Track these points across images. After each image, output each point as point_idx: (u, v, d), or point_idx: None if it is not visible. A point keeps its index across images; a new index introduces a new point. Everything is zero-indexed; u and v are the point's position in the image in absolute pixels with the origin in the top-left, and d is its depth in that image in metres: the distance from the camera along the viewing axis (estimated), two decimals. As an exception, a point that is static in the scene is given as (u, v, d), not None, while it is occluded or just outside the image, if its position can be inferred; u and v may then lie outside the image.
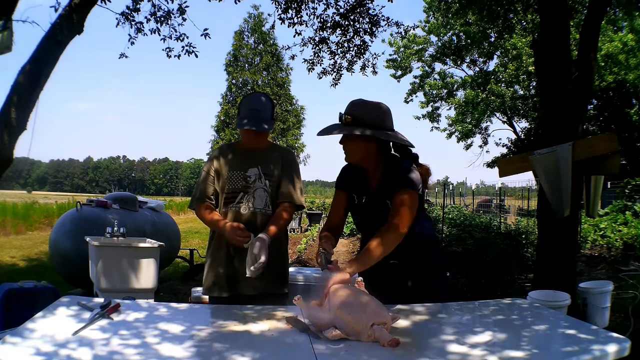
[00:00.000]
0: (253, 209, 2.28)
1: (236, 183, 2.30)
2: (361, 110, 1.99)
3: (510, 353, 1.34)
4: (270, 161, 2.34)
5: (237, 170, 2.31)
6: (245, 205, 2.28)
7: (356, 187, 2.15)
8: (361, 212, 2.14)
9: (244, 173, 2.30)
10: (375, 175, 2.11)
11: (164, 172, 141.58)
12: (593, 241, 9.29)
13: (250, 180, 2.29)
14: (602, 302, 4.11)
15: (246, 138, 2.33)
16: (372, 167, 2.09)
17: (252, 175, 2.30)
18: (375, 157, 2.07)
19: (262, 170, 2.31)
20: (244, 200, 2.28)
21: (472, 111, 19.33)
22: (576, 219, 4.66)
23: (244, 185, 2.29)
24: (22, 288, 3.73)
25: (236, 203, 2.29)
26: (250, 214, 2.27)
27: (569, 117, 4.29)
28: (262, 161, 2.33)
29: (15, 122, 3.93)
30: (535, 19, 9.48)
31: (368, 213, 2.09)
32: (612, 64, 16.38)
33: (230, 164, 2.33)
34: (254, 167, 2.31)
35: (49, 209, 17.23)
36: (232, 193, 2.30)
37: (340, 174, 2.22)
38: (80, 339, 1.33)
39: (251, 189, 2.29)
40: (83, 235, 4.80)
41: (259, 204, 2.29)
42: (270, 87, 23.21)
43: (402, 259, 2.03)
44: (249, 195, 2.28)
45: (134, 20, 5.85)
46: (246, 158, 2.33)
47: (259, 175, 2.31)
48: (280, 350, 1.37)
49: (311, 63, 7.48)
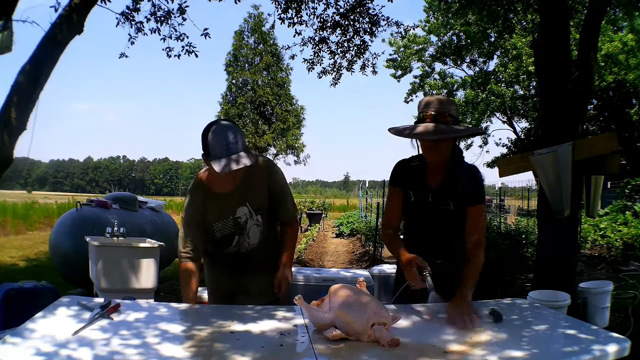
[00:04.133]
0: (250, 246, 2.22)
1: (227, 229, 2.16)
2: (455, 107, 2.03)
3: (510, 353, 1.34)
4: (257, 193, 2.16)
5: (225, 217, 2.14)
6: (242, 246, 2.21)
7: (413, 185, 2.09)
8: (421, 211, 2.09)
9: (233, 216, 2.14)
10: (437, 173, 2.07)
11: (164, 172, 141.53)
12: (593, 241, 9.29)
13: (242, 221, 2.15)
14: (602, 302, 4.11)
15: (223, 179, 2.02)
16: (441, 164, 2.06)
17: (242, 216, 2.15)
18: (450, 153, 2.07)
19: (251, 207, 2.16)
20: (240, 241, 2.20)
21: (472, 111, 19.31)
22: (576, 219, 4.66)
23: (237, 228, 2.16)
24: (22, 288, 3.73)
25: (234, 246, 2.20)
26: (247, 252, 2.22)
27: (569, 117, 4.29)
28: (249, 196, 2.14)
29: (15, 122, 3.93)
30: (535, 19, 9.47)
31: (431, 212, 2.06)
32: (612, 64, 16.38)
33: (216, 210, 2.12)
34: (242, 206, 2.14)
35: (49, 209, 17.22)
36: (225, 239, 2.18)
37: (395, 171, 2.16)
38: (80, 339, 1.33)
39: (244, 230, 2.17)
40: (83, 235, 4.80)
41: (254, 240, 2.21)
42: (270, 87, 23.21)
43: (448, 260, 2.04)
44: (244, 236, 2.19)
45: (134, 20, 5.85)
46: (231, 200, 2.12)
47: (249, 213, 2.16)
48: (280, 350, 1.37)
49: (311, 63, 7.48)
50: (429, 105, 1.99)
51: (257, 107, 23.02)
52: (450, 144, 2.02)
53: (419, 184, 2.09)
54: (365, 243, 10.97)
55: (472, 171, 2.06)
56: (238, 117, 22.59)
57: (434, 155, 2.02)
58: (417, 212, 2.11)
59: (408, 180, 2.11)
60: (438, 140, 1.96)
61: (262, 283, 2.21)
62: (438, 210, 2.04)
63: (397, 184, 2.13)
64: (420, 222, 2.12)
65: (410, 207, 2.12)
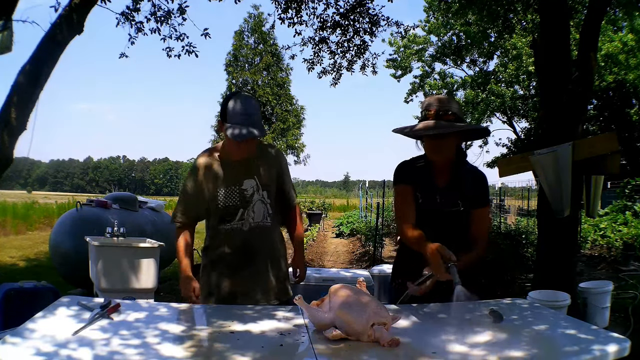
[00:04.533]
0: (254, 223, 2.15)
1: (232, 199, 2.12)
2: (457, 105, 2.00)
3: (510, 353, 1.34)
4: (266, 170, 2.19)
5: (231, 186, 2.12)
6: (246, 222, 2.14)
7: (420, 186, 2.06)
8: (429, 213, 2.05)
9: (240, 187, 2.13)
10: (443, 173, 2.05)
11: (164, 172, 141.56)
12: (593, 241, 9.29)
13: (248, 195, 2.13)
14: (602, 302, 4.12)
15: (237, 147, 2.07)
16: (446, 164, 2.04)
17: (249, 189, 2.13)
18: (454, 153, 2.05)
19: (259, 181, 2.16)
20: (245, 216, 2.14)
21: (472, 111, 19.31)
22: (576, 219, 4.66)
23: (242, 200, 2.13)
24: (22, 288, 3.73)
25: (237, 220, 2.13)
26: (249, 229, 2.15)
27: (569, 117, 4.29)
28: (257, 171, 2.16)
29: (15, 122, 3.93)
30: (535, 19, 9.47)
31: (440, 214, 2.03)
32: (612, 64, 16.39)
33: (223, 179, 2.12)
34: (249, 179, 2.14)
35: (49, 209, 17.22)
36: (229, 210, 2.13)
37: (401, 170, 2.12)
38: (80, 339, 1.33)
39: (250, 203, 2.14)
40: (83, 235, 4.80)
41: (259, 217, 2.15)
42: (270, 87, 23.21)
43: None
44: (249, 210, 2.14)
45: (134, 20, 5.85)
46: (239, 169, 2.14)
47: (257, 187, 2.15)
48: (280, 350, 1.37)
49: (311, 63, 7.48)
50: (431, 104, 1.99)
51: (257, 107, 22.99)
52: (453, 142, 2.00)
53: (426, 185, 2.06)
54: (365, 243, 10.97)
55: (477, 172, 2.07)
56: (238, 117, 22.58)
57: (438, 154, 2.01)
58: (425, 214, 2.06)
59: (415, 181, 2.07)
60: (438, 136, 1.95)
61: (264, 284, 2.16)
62: (447, 211, 2.03)
63: (406, 182, 2.08)
64: (429, 224, 2.04)
65: (418, 208, 2.07)
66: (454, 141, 2.01)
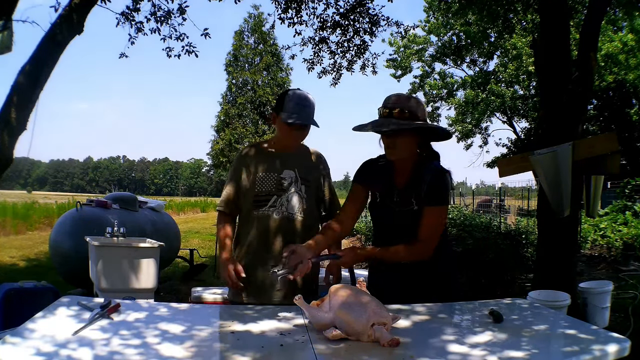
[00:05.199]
0: (287, 213, 2.14)
1: (268, 185, 2.14)
2: (414, 103, 1.91)
3: (510, 353, 1.34)
4: (309, 166, 2.23)
5: (270, 172, 2.16)
6: (279, 210, 2.13)
7: (378, 184, 2.04)
8: (385, 211, 2.02)
9: (278, 175, 2.16)
10: (403, 172, 2.00)
11: (164, 172, 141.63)
12: (593, 241, 9.29)
13: (286, 184, 2.15)
14: (602, 302, 4.11)
15: (289, 135, 2.15)
16: (407, 164, 1.99)
17: (287, 178, 2.16)
18: (415, 153, 1.99)
19: (299, 174, 2.18)
20: (277, 204, 2.14)
21: (472, 111, 19.34)
22: (576, 219, 4.66)
23: (278, 188, 2.15)
24: (22, 288, 3.73)
25: (268, 207, 2.13)
26: (282, 218, 2.13)
27: (569, 117, 4.29)
28: (299, 165, 2.20)
29: (15, 122, 3.93)
30: (535, 19, 9.47)
31: (395, 213, 1.99)
32: (612, 64, 16.39)
33: (263, 165, 2.17)
34: (289, 170, 2.17)
35: (49, 209, 17.22)
36: (263, 195, 2.14)
37: (362, 168, 2.10)
38: (80, 339, 1.33)
39: (286, 192, 2.15)
40: (83, 235, 4.80)
41: (292, 209, 2.15)
42: (270, 87, 23.18)
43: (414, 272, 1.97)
44: (283, 199, 2.14)
45: (134, 20, 5.86)
46: (281, 160, 2.19)
47: (295, 178, 2.17)
48: (280, 350, 1.37)
49: (311, 63, 7.49)
50: (387, 100, 1.94)
51: (257, 107, 22.98)
52: (409, 141, 1.92)
53: (386, 184, 2.02)
54: (365, 243, 10.97)
55: (439, 173, 1.95)
56: (238, 117, 22.59)
57: (391, 152, 1.94)
58: (382, 213, 2.04)
59: (374, 180, 2.05)
60: (391, 134, 1.89)
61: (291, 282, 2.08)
62: (402, 210, 1.97)
63: (362, 182, 2.07)
64: (386, 224, 2.05)
65: (375, 207, 2.06)
66: (411, 141, 1.93)
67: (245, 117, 23.11)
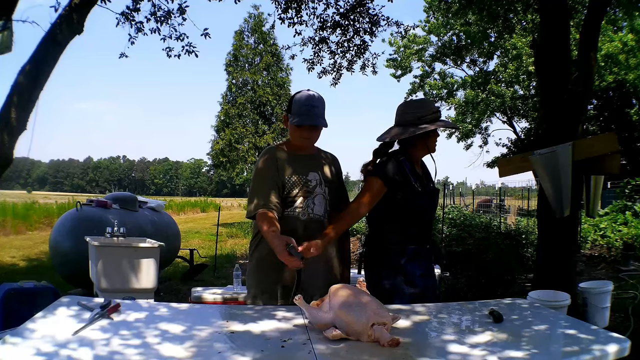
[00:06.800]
0: (313, 215, 2.16)
1: (296, 187, 2.15)
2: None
3: (510, 353, 1.34)
4: (327, 167, 2.27)
5: (298, 174, 2.17)
6: (304, 211, 2.15)
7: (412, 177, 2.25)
8: (429, 197, 2.33)
9: (305, 177, 2.17)
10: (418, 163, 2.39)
11: (164, 172, 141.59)
12: (593, 241, 9.29)
13: (311, 185, 2.17)
14: (602, 302, 4.12)
15: (299, 136, 2.17)
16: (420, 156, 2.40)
17: (313, 180, 2.18)
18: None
19: (322, 176, 2.21)
20: (304, 205, 2.15)
21: (472, 111, 19.31)
22: (576, 219, 4.66)
23: (305, 190, 2.16)
24: (22, 288, 3.74)
25: (294, 208, 2.15)
26: (308, 220, 2.15)
27: (569, 117, 4.29)
28: (320, 167, 2.24)
29: (15, 122, 3.93)
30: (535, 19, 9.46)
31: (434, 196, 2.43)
32: (612, 64, 16.37)
33: (291, 167, 2.18)
34: (314, 172, 2.20)
35: (49, 209, 17.22)
36: (290, 197, 2.15)
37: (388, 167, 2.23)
38: (80, 339, 1.33)
39: (312, 194, 2.17)
40: (83, 235, 4.80)
41: (319, 210, 2.17)
42: (271, 87, 23.16)
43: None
44: (309, 201, 2.16)
45: (134, 20, 5.85)
46: (306, 162, 2.21)
47: (320, 180, 2.20)
48: (280, 350, 1.37)
49: (311, 63, 7.48)
50: (432, 104, 2.38)
51: (257, 107, 22.97)
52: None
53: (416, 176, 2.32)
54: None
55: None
56: (238, 117, 22.56)
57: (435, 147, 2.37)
58: (428, 200, 2.35)
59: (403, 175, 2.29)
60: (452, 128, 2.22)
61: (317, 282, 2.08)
62: (435, 192, 2.45)
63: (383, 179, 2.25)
64: (432, 207, 2.43)
65: (418, 197, 2.28)
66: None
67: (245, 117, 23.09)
